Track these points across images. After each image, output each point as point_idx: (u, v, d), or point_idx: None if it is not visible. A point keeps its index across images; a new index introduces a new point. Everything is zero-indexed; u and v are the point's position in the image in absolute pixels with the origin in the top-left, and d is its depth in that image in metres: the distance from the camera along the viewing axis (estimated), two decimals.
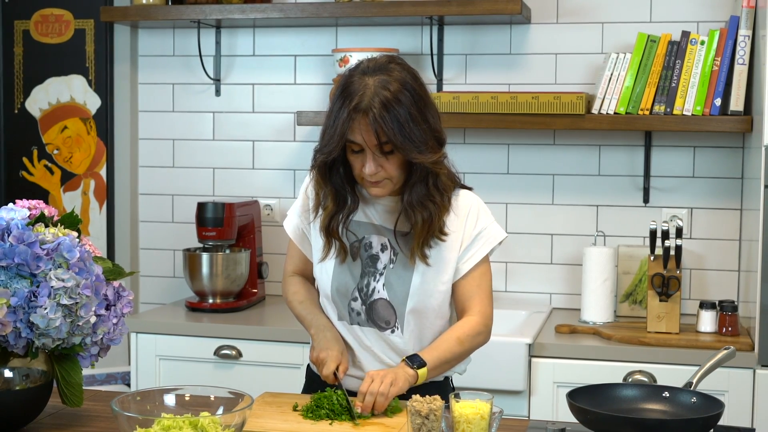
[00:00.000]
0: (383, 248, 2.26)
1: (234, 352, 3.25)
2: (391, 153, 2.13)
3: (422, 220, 2.18)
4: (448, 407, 1.89)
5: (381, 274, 2.25)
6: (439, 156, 2.16)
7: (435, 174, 2.16)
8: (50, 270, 1.85)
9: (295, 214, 2.38)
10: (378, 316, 2.26)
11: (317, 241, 2.30)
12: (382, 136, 2.09)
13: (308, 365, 2.43)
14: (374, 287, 2.25)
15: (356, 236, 2.27)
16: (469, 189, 2.32)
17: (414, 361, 2.18)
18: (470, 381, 2.85)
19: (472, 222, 2.26)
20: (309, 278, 2.41)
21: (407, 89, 2.12)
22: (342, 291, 2.27)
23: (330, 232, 2.25)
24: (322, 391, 2.18)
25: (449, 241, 2.23)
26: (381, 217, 2.27)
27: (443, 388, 2.32)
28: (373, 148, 2.12)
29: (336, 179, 2.22)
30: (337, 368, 2.21)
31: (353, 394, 2.18)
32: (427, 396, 1.91)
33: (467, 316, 2.27)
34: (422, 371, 2.17)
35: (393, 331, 2.26)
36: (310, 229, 2.33)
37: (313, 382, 2.37)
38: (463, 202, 2.27)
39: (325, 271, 2.29)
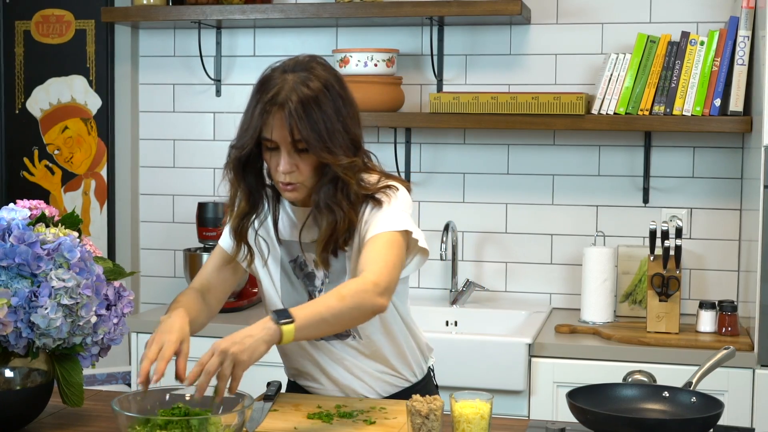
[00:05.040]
0: (317, 265, 2.15)
1: None
2: (305, 151, 2.03)
3: (326, 224, 2.06)
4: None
5: (320, 291, 2.17)
6: (352, 161, 2.05)
7: (344, 180, 2.05)
8: (51, 270, 1.86)
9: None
10: None
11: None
12: (296, 132, 2.00)
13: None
14: None
15: (290, 256, 2.19)
16: (396, 180, 2.15)
17: (281, 315, 1.88)
18: (470, 381, 2.85)
19: (369, 209, 2.10)
20: (215, 295, 2.24)
21: (328, 89, 2.05)
22: None
23: (240, 234, 2.16)
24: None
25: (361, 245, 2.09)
26: (308, 234, 2.16)
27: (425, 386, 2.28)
28: (287, 145, 2.02)
29: (250, 179, 2.12)
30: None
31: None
32: (427, 396, 1.91)
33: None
34: (288, 328, 1.87)
35: (354, 338, 2.19)
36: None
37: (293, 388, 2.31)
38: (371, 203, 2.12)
39: (275, 297, 2.21)
